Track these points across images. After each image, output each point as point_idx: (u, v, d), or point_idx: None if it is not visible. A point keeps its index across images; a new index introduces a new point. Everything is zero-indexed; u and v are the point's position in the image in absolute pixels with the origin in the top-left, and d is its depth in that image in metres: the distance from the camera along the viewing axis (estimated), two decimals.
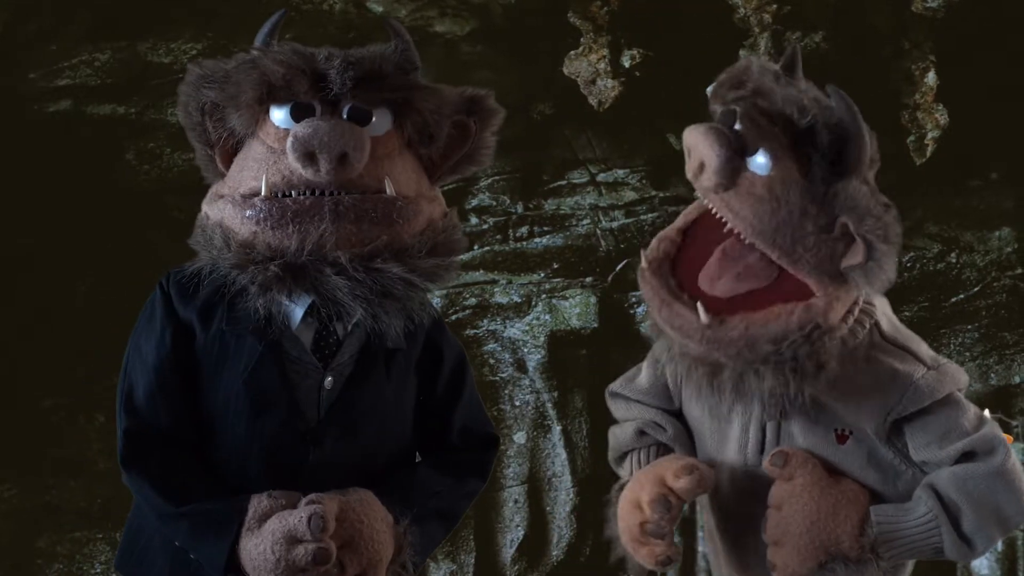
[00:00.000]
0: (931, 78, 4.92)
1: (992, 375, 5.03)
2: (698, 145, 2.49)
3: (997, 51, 5.02)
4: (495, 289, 4.91)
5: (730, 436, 2.67)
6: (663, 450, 2.77)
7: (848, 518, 2.52)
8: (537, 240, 5.16)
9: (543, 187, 5.23)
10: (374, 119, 2.51)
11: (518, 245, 5.15)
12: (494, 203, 5.20)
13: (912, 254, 5.03)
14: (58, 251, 4.92)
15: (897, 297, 5.07)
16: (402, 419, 2.67)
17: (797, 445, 2.60)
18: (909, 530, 2.54)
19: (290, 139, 2.43)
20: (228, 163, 2.56)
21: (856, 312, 2.55)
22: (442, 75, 5.10)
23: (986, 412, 4.57)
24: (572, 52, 4.96)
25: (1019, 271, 5.07)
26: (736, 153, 2.46)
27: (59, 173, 4.90)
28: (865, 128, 2.48)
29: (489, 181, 5.20)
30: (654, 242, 2.61)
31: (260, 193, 2.46)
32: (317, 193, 2.45)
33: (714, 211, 2.52)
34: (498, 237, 5.16)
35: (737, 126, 2.50)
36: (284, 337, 2.51)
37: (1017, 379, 5.04)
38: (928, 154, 4.93)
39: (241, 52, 2.56)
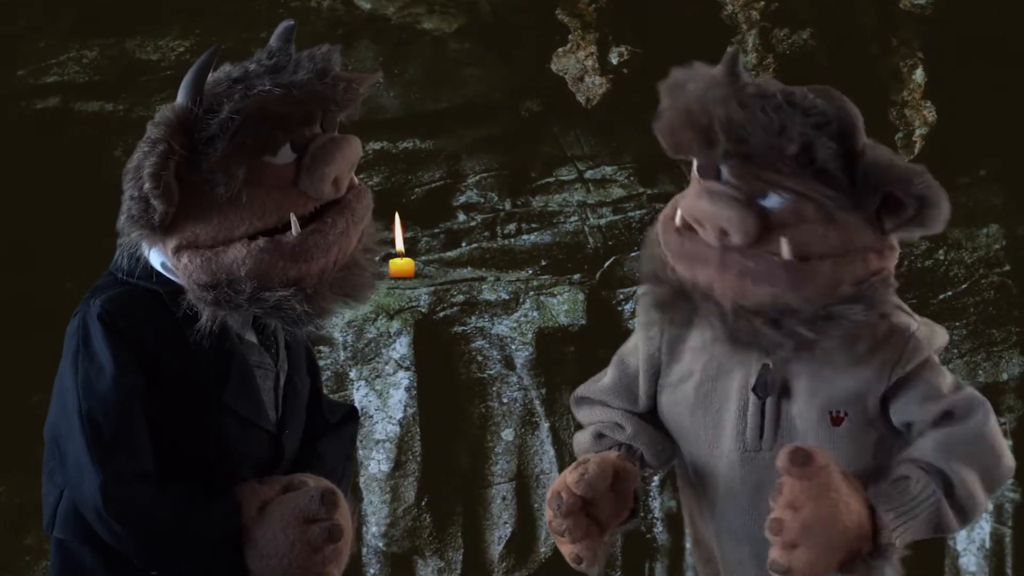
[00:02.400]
0: (919, 75, 4.92)
1: (980, 372, 5.04)
2: (710, 216, 2.43)
3: (985, 48, 5.02)
4: (483, 286, 4.91)
5: (726, 423, 2.61)
6: (622, 451, 2.72)
7: (863, 515, 2.46)
8: (525, 237, 5.16)
9: (531, 184, 5.23)
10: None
11: (506, 242, 5.14)
12: (482, 200, 5.20)
13: (899, 251, 5.04)
14: (46, 248, 4.91)
15: None
16: (304, 408, 2.68)
17: (795, 428, 2.57)
18: (913, 511, 2.50)
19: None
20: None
21: None
22: (430, 72, 5.11)
23: None
24: (560, 49, 4.96)
25: (1007, 268, 5.08)
26: (750, 204, 2.41)
27: (47, 170, 4.89)
28: (849, 105, 2.44)
29: (477, 178, 5.20)
30: (671, 210, 2.57)
31: (288, 230, 2.40)
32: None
33: None
34: (486, 234, 5.16)
35: (726, 176, 2.44)
36: (244, 345, 2.49)
37: (1005, 376, 5.04)
38: (916, 151, 4.93)
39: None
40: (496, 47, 5.14)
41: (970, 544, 4.91)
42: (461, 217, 5.20)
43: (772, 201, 2.42)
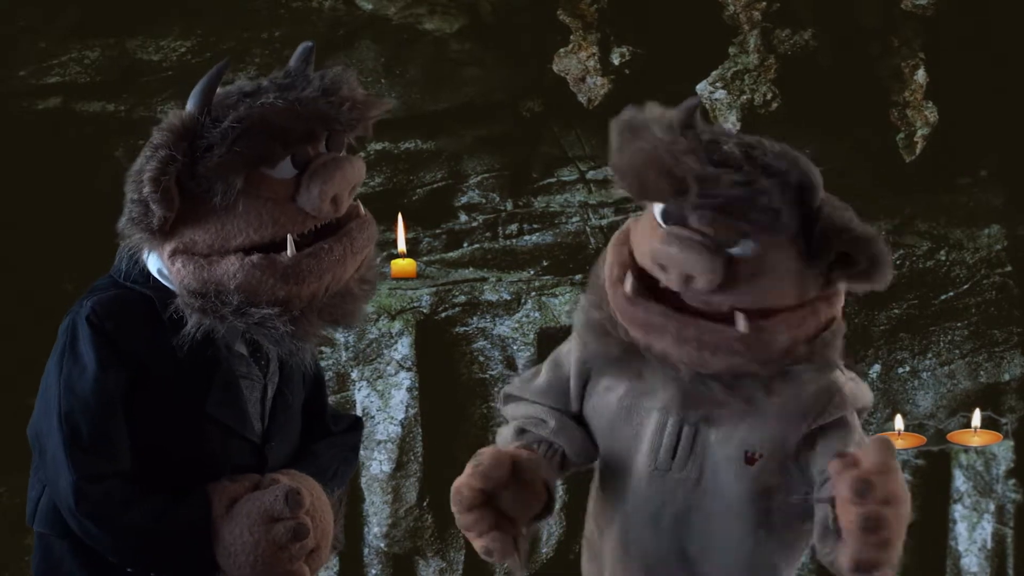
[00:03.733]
0: (920, 75, 4.92)
1: (982, 373, 5.03)
2: (677, 261, 2.40)
3: (986, 48, 5.02)
4: (484, 286, 4.91)
5: (643, 439, 2.61)
6: (544, 447, 2.72)
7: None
8: (526, 237, 5.16)
9: (532, 184, 5.23)
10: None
11: (507, 242, 5.14)
12: (483, 200, 5.20)
13: (901, 251, 5.04)
14: (46, 249, 4.91)
15: (886, 295, 5.08)
16: (299, 418, 2.68)
17: (709, 456, 2.57)
18: None
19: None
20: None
21: None
22: (431, 73, 5.11)
23: (976, 410, 4.59)
24: (561, 49, 4.96)
25: (1009, 268, 5.07)
26: (718, 251, 2.39)
27: (48, 171, 4.89)
28: (805, 161, 2.43)
29: (478, 179, 5.20)
30: (628, 276, 2.53)
31: (284, 248, 2.40)
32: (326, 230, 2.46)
33: None
34: (487, 234, 5.16)
35: (693, 223, 2.42)
36: (232, 356, 2.50)
37: (1007, 376, 5.04)
38: (917, 151, 4.93)
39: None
40: (497, 48, 5.14)
41: (971, 545, 4.91)
42: (463, 217, 5.20)
43: (738, 249, 2.41)
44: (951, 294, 5.06)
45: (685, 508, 2.60)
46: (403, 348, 4.73)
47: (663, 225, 2.45)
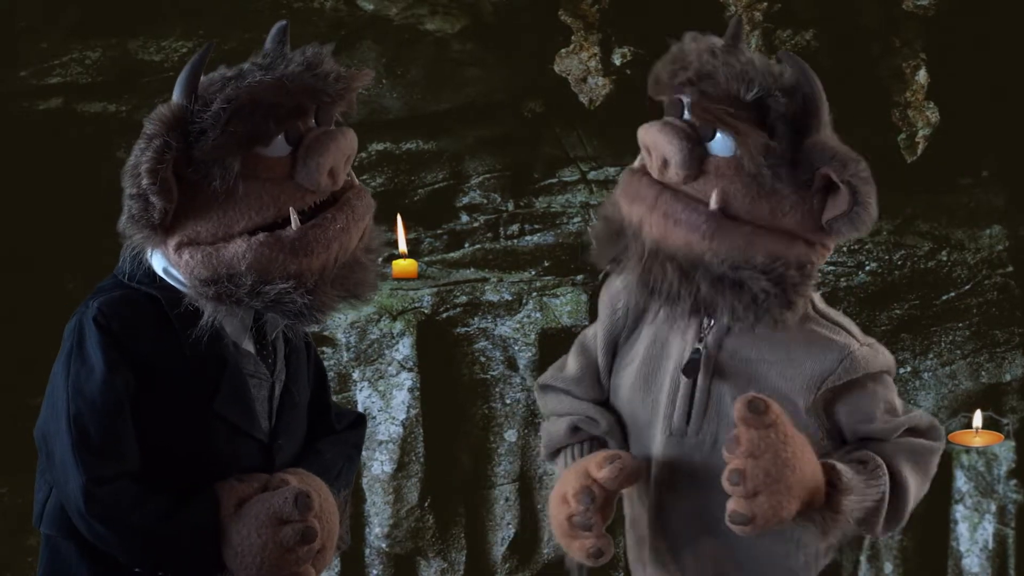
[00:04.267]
0: (922, 76, 4.92)
1: (983, 373, 5.04)
2: (657, 143, 2.51)
3: (988, 49, 5.02)
4: (485, 287, 4.91)
5: (660, 405, 2.65)
6: (597, 444, 2.76)
7: (817, 468, 2.49)
8: (528, 238, 5.16)
9: (534, 185, 5.23)
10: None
11: (509, 243, 5.15)
12: (484, 201, 5.20)
13: (903, 252, 5.04)
14: (48, 249, 4.91)
15: (887, 295, 5.09)
16: (305, 416, 2.70)
17: (723, 413, 2.59)
18: (865, 489, 2.54)
19: (316, 160, 2.40)
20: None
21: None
22: (433, 73, 5.11)
23: (978, 411, 4.59)
24: (563, 50, 4.96)
25: (1010, 269, 5.08)
26: (696, 142, 2.48)
27: (50, 171, 4.89)
28: (819, 86, 2.49)
29: (480, 179, 5.21)
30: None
31: (288, 225, 2.41)
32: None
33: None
34: (488, 235, 5.17)
35: (687, 116, 2.51)
36: (239, 354, 2.51)
37: (1008, 377, 5.04)
38: (919, 152, 4.93)
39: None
40: (498, 48, 5.14)
41: (973, 545, 4.92)
42: (464, 218, 5.20)
43: (718, 147, 2.48)
44: (952, 294, 5.06)
45: (704, 472, 2.61)
46: (404, 348, 4.73)
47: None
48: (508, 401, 4.86)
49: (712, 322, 2.60)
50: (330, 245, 2.42)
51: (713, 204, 2.47)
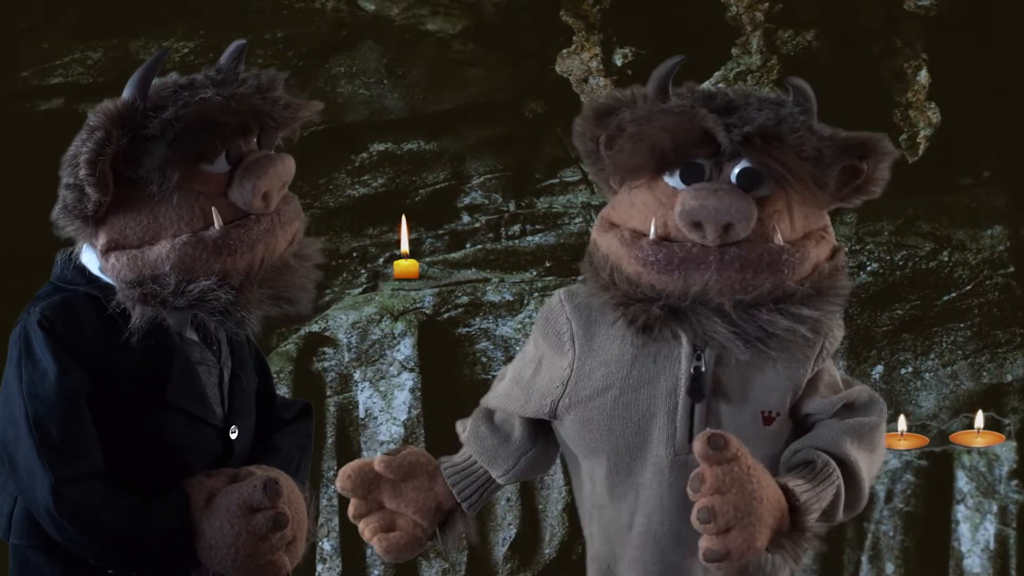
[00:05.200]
0: (923, 76, 4.92)
1: (984, 373, 5.03)
2: (714, 213, 2.43)
3: (989, 49, 5.02)
4: (487, 287, 4.91)
5: (652, 430, 2.61)
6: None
7: (779, 493, 2.48)
8: (529, 238, 5.16)
9: (535, 185, 5.23)
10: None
11: (510, 243, 5.14)
12: (486, 201, 5.20)
13: (904, 252, 5.04)
14: (50, 249, 4.90)
15: (889, 295, 5.08)
16: (254, 405, 2.71)
17: (728, 428, 2.56)
18: (820, 493, 2.53)
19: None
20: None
21: None
22: (434, 73, 5.11)
23: (979, 412, 4.59)
24: (564, 50, 4.96)
25: (1011, 269, 5.07)
26: (746, 193, 2.45)
27: (51, 171, 4.88)
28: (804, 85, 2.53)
29: (481, 179, 5.20)
30: (628, 234, 2.59)
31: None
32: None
33: None
34: (490, 235, 5.16)
35: (711, 175, 2.47)
36: (184, 343, 2.52)
37: (1009, 377, 5.04)
38: (920, 152, 4.93)
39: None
40: (500, 48, 5.14)
41: (974, 545, 4.91)
42: (465, 218, 5.20)
43: (763, 190, 2.46)
44: (954, 295, 5.06)
45: None
46: (406, 349, 4.73)
47: (684, 186, 2.48)
48: None
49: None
50: (254, 246, 2.43)
51: (780, 240, 2.47)
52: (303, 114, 2.52)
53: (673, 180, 2.48)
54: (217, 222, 2.41)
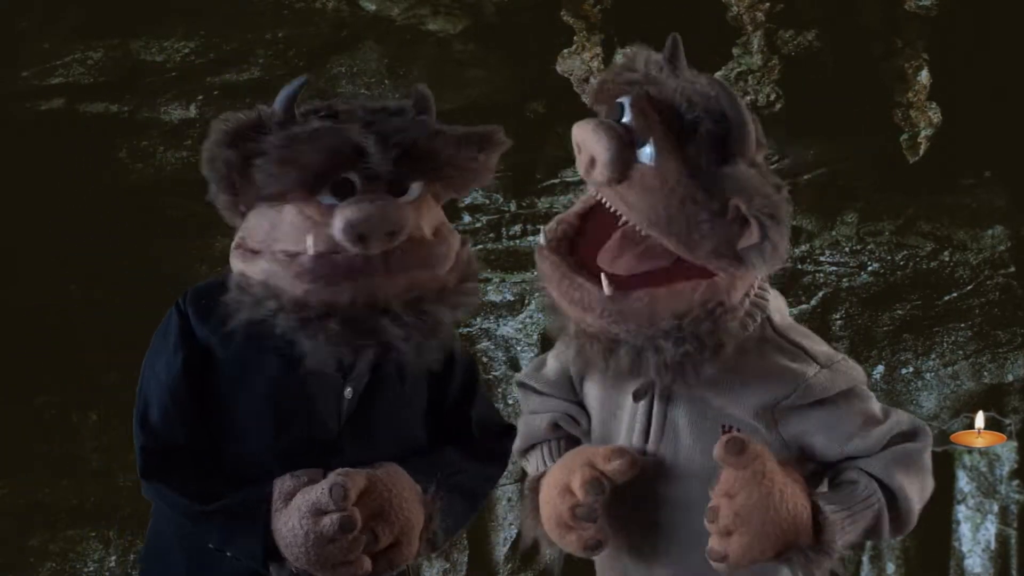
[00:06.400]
0: (924, 76, 4.92)
1: (985, 373, 5.04)
2: (587, 141, 2.50)
3: (990, 49, 5.02)
4: (488, 287, 4.91)
5: (621, 418, 2.67)
6: (573, 443, 2.78)
7: (802, 507, 2.49)
8: (530, 238, 5.16)
9: (536, 185, 5.23)
10: (411, 188, 2.50)
11: (511, 243, 5.15)
12: (487, 201, 5.20)
13: (905, 252, 5.04)
14: (51, 249, 4.91)
15: (890, 295, 5.09)
16: (415, 424, 2.70)
17: (679, 433, 2.61)
18: (855, 515, 2.55)
19: (340, 222, 2.40)
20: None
21: (749, 301, 2.57)
22: (435, 73, 5.11)
23: (980, 412, 4.60)
24: (565, 50, 4.96)
25: (1012, 269, 5.08)
26: (626, 146, 2.47)
27: (52, 171, 4.89)
28: (748, 115, 2.50)
29: None
30: (552, 223, 2.62)
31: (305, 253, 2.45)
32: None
33: (607, 204, 2.52)
34: (491, 235, 5.17)
35: (626, 119, 2.50)
36: (297, 351, 2.51)
37: (1010, 377, 5.04)
38: (921, 152, 4.93)
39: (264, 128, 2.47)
40: (501, 48, 5.14)
41: (975, 546, 4.92)
42: (466, 218, 5.20)
43: (647, 155, 2.47)
44: (954, 295, 5.07)
45: (661, 492, 2.64)
46: None
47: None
48: (511, 402, 4.86)
49: None
50: (339, 281, 2.43)
51: (606, 289, 2.46)
52: (416, 169, 2.50)
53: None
54: (309, 248, 2.41)
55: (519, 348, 4.86)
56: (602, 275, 2.48)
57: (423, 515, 2.55)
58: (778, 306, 2.67)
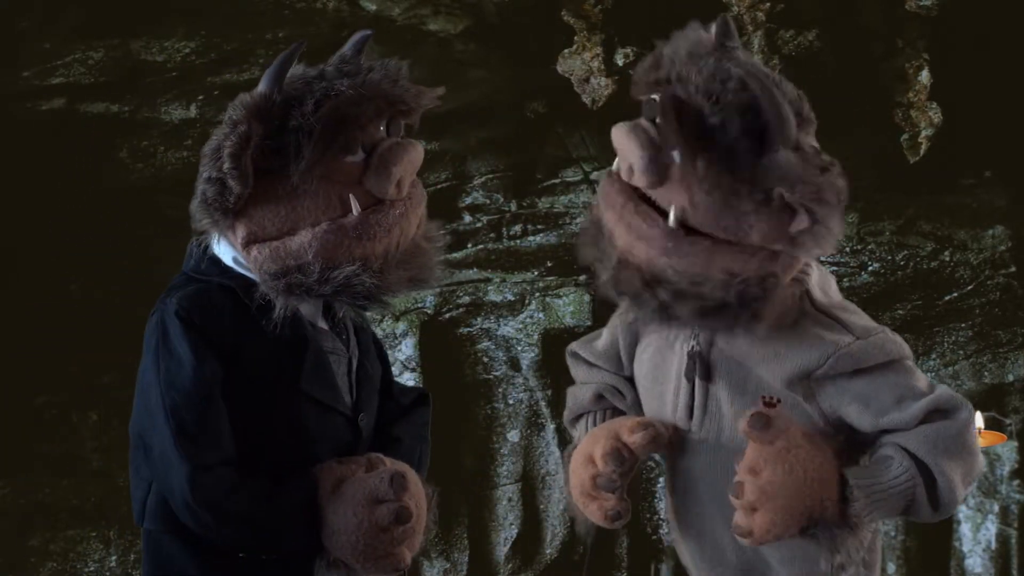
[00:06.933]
0: (924, 76, 4.92)
1: (986, 373, 5.04)
2: (623, 147, 2.51)
3: (990, 49, 5.02)
4: (488, 287, 4.91)
5: (666, 398, 2.67)
6: (618, 414, 2.78)
7: (830, 482, 2.48)
8: (531, 238, 5.16)
9: (537, 185, 5.23)
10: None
11: (512, 243, 5.15)
12: (487, 201, 5.20)
13: (905, 252, 5.04)
14: (51, 249, 4.91)
15: (890, 295, 5.09)
16: (378, 392, 2.74)
17: (723, 410, 2.60)
18: (887, 491, 2.52)
19: (381, 170, 2.49)
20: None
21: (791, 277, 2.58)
22: (436, 73, 5.11)
23: (980, 412, 4.60)
24: (566, 50, 4.96)
25: (1012, 269, 5.08)
26: (659, 149, 2.47)
27: (52, 171, 4.89)
28: (782, 101, 2.47)
29: (483, 179, 5.21)
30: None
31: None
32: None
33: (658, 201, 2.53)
34: (491, 235, 5.17)
35: (659, 120, 2.51)
36: (317, 332, 2.56)
37: (1011, 377, 5.05)
38: (922, 152, 4.93)
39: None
40: (501, 48, 5.14)
41: (976, 545, 4.92)
42: (467, 218, 5.20)
43: (678, 156, 2.47)
44: (955, 295, 5.07)
45: (708, 468, 2.63)
46: (407, 349, 4.73)
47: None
48: (511, 402, 4.86)
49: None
50: (391, 230, 2.50)
51: (672, 221, 2.47)
52: (428, 100, 2.62)
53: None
54: (355, 209, 2.47)
55: (519, 348, 4.86)
56: (672, 207, 2.47)
57: (426, 506, 2.58)
58: (820, 280, 2.66)
